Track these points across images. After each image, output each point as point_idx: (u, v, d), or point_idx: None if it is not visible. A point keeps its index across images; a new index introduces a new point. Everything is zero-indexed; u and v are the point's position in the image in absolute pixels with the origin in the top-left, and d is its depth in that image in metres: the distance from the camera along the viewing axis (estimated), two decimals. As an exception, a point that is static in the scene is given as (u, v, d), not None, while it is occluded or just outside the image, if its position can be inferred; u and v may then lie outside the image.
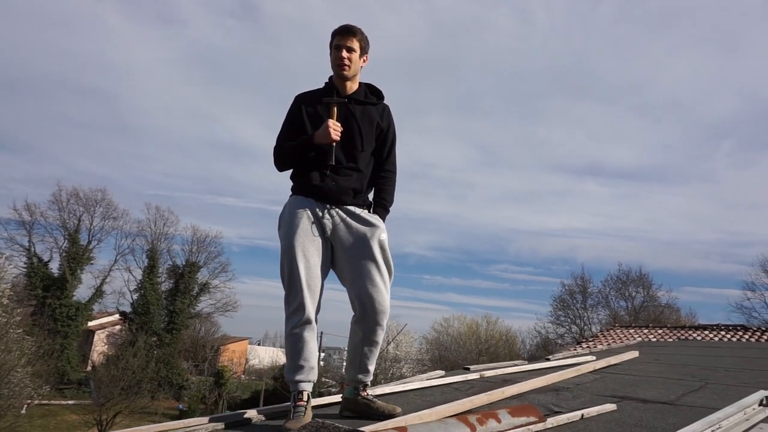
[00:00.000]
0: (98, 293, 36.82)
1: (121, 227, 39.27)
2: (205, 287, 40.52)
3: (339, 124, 2.55)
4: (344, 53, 2.59)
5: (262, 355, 49.48)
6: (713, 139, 50.49)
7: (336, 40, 2.62)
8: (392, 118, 2.77)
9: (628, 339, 11.61)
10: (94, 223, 37.98)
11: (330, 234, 2.57)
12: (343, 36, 2.60)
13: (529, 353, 36.72)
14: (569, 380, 3.49)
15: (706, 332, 13.21)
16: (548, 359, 5.17)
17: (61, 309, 33.74)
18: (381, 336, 2.61)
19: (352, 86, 2.69)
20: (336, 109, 2.60)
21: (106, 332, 40.53)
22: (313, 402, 2.54)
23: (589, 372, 3.87)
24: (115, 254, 38.77)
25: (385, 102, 2.78)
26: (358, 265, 2.55)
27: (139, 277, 38.14)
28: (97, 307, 37.87)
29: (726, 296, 66.09)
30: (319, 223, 2.56)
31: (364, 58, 2.68)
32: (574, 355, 5.32)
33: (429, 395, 3.10)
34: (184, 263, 39.68)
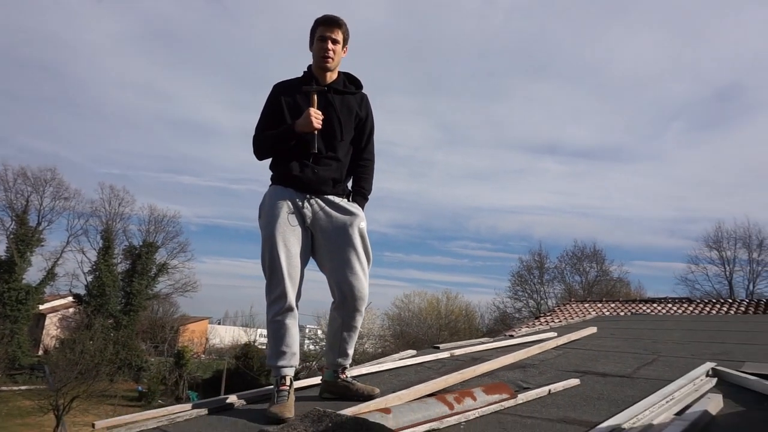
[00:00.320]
0: (50, 276, 35.54)
1: (73, 207, 37.90)
2: (163, 268, 39.69)
3: (320, 112, 2.57)
4: (329, 45, 2.60)
5: (222, 335, 49.06)
6: (664, 119, 52.43)
7: (320, 30, 2.62)
8: (371, 108, 2.81)
9: (583, 313, 12.14)
10: (44, 204, 36.51)
11: (310, 223, 2.62)
12: (328, 27, 2.61)
13: (488, 327, 37.82)
14: (535, 357, 3.69)
15: (655, 305, 13.95)
16: (512, 336, 5.40)
17: (10, 293, 32.47)
18: (360, 321, 2.69)
19: (331, 76, 2.71)
20: (316, 98, 2.62)
21: (58, 315, 39.25)
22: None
23: (553, 348, 4.08)
24: (68, 235, 37.47)
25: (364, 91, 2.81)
26: (338, 254, 2.61)
27: (94, 258, 37.04)
28: (48, 290, 36.55)
29: (672, 269, 69.52)
30: (299, 212, 2.60)
31: (345, 48, 2.70)
32: (537, 332, 5.57)
33: (404, 375, 3.21)
34: (141, 244, 38.67)
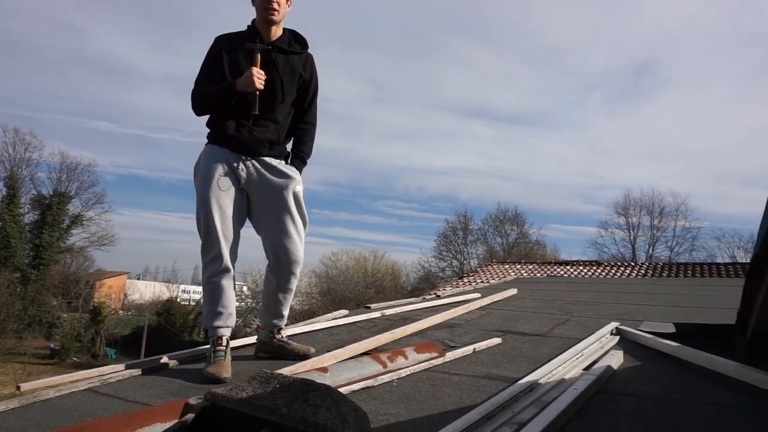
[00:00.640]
0: (-56, 225, 32.48)
1: (-30, 151, 34.41)
2: (77, 220, 37.28)
3: (263, 72, 2.51)
4: None
5: (143, 290, 47.43)
6: (585, 89, 54.82)
7: None
8: (315, 69, 2.76)
9: (504, 275, 12.82)
10: (-64, 146, 32.91)
11: (245, 185, 2.59)
12: None
13: (413, 286, 39.03)
14: (460, 317, 3.91)
15: (569, 267, 14.97)
16: (438, 296, 5.66)
17: None
18: (294, 284, 2.73)
19: (276, 32, 2.64)
20: (260, 57, 2.55)
21: (-44, 268, 36.19)
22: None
23: (477, 309, 4.33)
24: (-35, 182, 34.11)
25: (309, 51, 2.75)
26: (273, 217, 2.62)
27: (-4, 207, 34.10)
28: (-57, 241, 33.48)
29: (584, 233, 74.33)
30: (234, 173, 2.56)
31: (289, 2, 2.62)
32: (462, 292, 5.86)
33: (337, 334, 3.32)
34: (51, 193, 35.98)
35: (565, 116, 54.59)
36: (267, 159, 2.62)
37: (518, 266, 15.47)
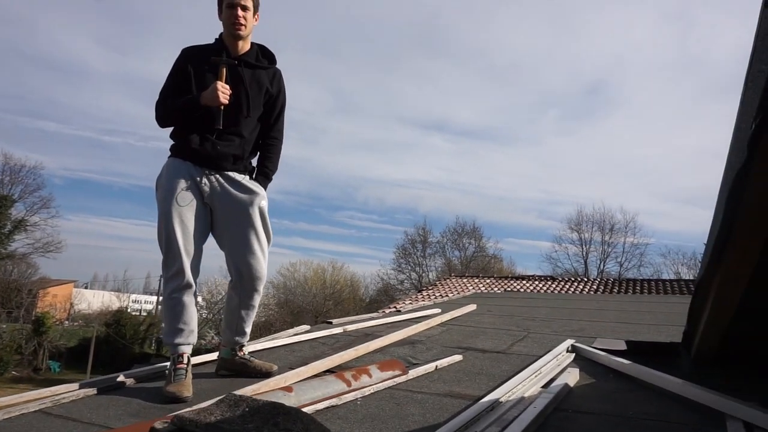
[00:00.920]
0: None
1: None
2: (20, 225, 35.49)
3: (228, 87, 2.50)
4: (239, 12, 2.51)
5: (90, 300, 45.51)
6: (542, 106, 56.59)
7: None
8: (283, 84, 2.77)
9: (462, 288, 13.00)
10: None
11: (208, 199, 2.57)
12: None
13: (371, 298, 39.01)
14: (422, 333, 3.95)
15: (525, 282, 15.32)
16: (399, 311, 5.70)
17: None
18: (257, 300, 2.71)
19: (243, 46, 2.64)
20: (225, 71, 2.54)
21: None
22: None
23: (438, 325, 4.39)
24: None
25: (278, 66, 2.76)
26: (236, 233, 2.60)
27: (-69, 210, 32.14)
28: None
29: (539, 247, 76.14)
30: (197, 187, 2.54)
31: (257, 16, 2.63)
32: (422, 308, 5.92)
33: (299, 351, 3.30)
34: (-8, 196, 34.22)
35: (522, 132, 56.17)
36: (231, 174, 2.61)
37: (476, 280, 15.71)
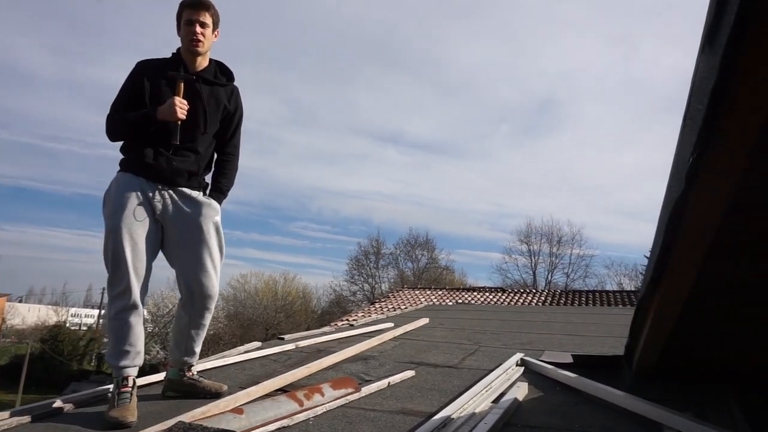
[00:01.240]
0: None
1: None
2: (-52, 235, 33.32)
3: (185, 102, 2.46)
4: (197, 29, 2.48)
5: (25, 314, 43.05)
6: (495, 121, 58.11)
7: (186, 14, 2.49)
8: (241, 101, 2.75)
9: (415, 300, 13.09)
10: None
11: (160, 216, 2.50)
12: (195, 10, 2.48)
13: (323, 310, 38.66)
14: (374, 348, 3.95)
15: (476, 293, 15.58)
16: (352, 325, 5.68)
17: None
18: (208, 319, 2.65)
19: (202, 62, 2.60)
20: (183, 86, 2.49)
21: None
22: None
23: (390, 339, 4.40)
24: None
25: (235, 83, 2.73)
26: (189, 250, 2.54)
27: None
28: None
29: (490, 259, 77.68)
30: (148, 203, 2.47)
31: (216, 32, 2.60)
32: (375, 321, 5.92)
33: (249, 369, 3.23)
34: None
35: (475, 146, 57.48)
36: (184, 190, 2.56)
37: (428, 292, 15.85)
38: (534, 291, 17.48)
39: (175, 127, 2.45)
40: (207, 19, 2.52)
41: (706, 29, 1.23)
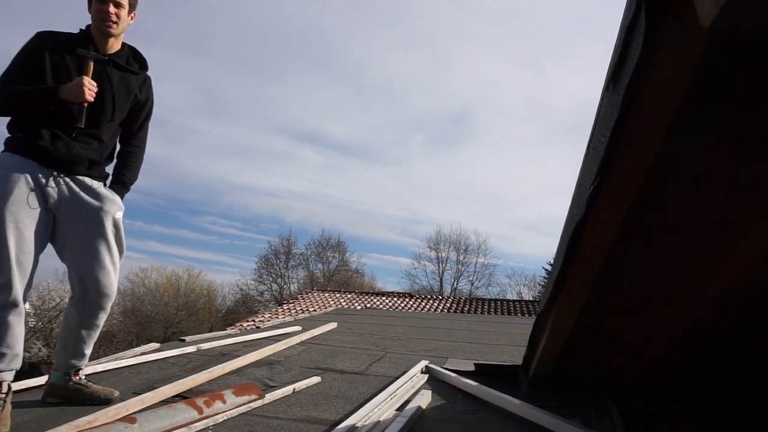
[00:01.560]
0: None
1: None
2: None
3: (95, 84, 2.26)
4: (111, 8, 2.29)
5: None
6: (410, 129, 59.37)
7: None
8: (152, 92, 2.59)
9: (324, 303, 13.02)
10: None
11: (53, 206, 2.29)
12: None
13: (228, 309, 37.42)
14: (281, 353, 3.87)
15: (384, 298, 15.78)
16: (258, 328, 5.53)
17: None
18: (103, 319, 2.47)
19: (114, 45, 2.41)
20: (92, 66, 2.29)
21: None
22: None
23: (297, 344, 4.33)
24: None
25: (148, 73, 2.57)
26: (85, 244, 2.35)
27: None
28: None
29: (400, 263, 79.03)
30: (40, 190, 2.25)
31: (133, 14, 2.42)
32: (282, 324, 5.81)
33: (146, 372, 3.04)
34: None
35: (390, 152, 58.21)
36: (84, 179, 2.36)
37: (338, 295, 15.85)
38: (440, 297, 18.02)
39: (81, 110, 2.26)
40: None
41: (611, 69, 1.33)
